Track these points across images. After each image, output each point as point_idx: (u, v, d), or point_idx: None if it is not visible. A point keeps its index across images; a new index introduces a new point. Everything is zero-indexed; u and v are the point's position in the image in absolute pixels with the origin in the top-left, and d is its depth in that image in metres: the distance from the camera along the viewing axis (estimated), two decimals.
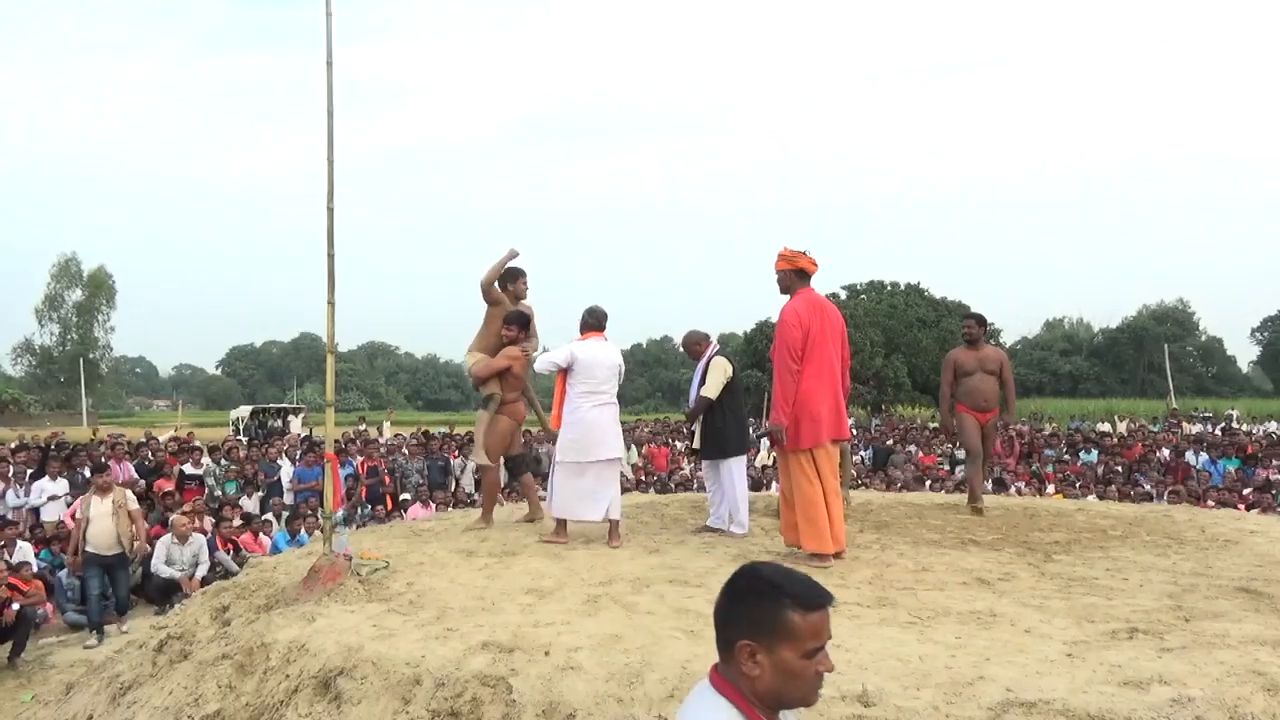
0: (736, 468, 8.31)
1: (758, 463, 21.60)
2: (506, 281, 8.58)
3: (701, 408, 8.31)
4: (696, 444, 8.50)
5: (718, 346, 8.56)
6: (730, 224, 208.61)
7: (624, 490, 14.11)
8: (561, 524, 7.89)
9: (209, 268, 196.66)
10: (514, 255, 8.42)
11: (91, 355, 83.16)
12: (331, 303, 6.55)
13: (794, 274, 7.33)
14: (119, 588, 11.70)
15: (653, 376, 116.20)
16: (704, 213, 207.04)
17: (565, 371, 7.84)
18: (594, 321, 8.06)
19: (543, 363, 8.01)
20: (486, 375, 8.32)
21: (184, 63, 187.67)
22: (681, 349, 9.07)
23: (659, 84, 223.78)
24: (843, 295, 70.88)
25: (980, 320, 10.23)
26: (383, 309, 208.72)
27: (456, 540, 7.93)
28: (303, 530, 14.04)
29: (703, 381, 8.33)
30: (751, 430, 23.26)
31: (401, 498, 16.90)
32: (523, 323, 8.41)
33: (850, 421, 9.15)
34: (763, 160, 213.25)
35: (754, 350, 57.71)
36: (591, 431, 7.69)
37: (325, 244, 6.54)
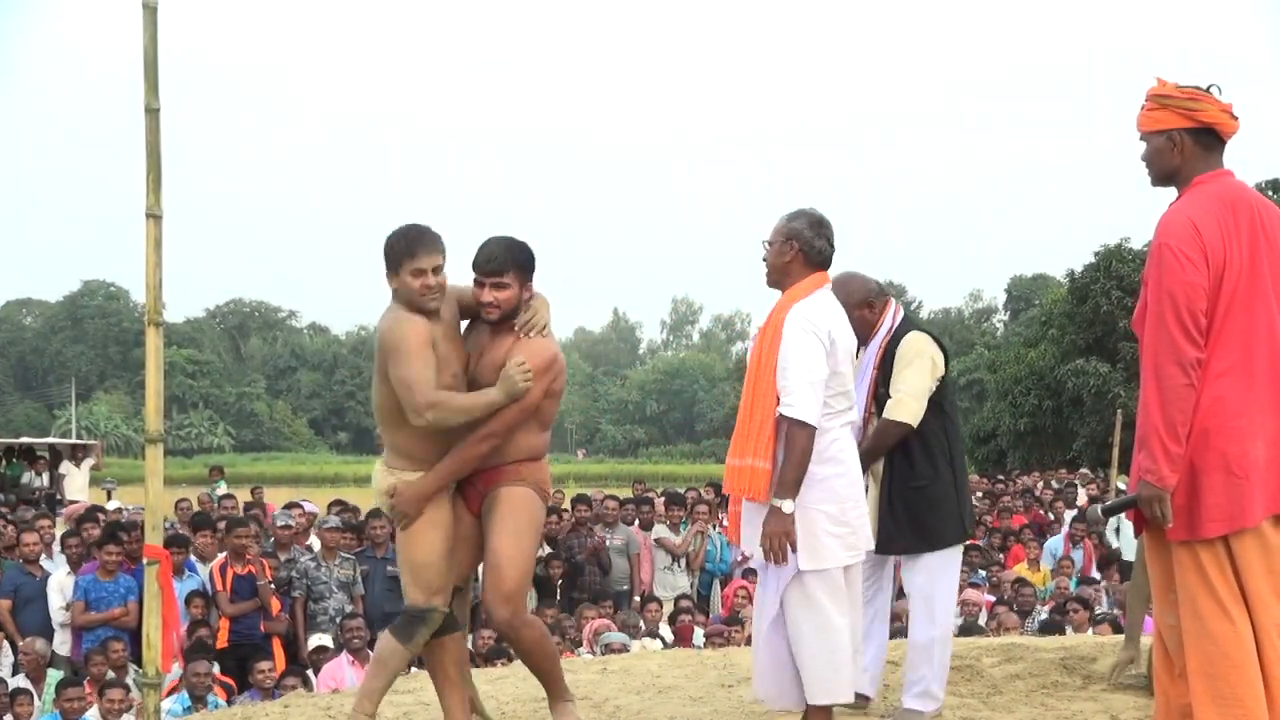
0: (947, 569, 4.59)
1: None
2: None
3: (885, 445, 4.52)
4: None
5: (902, 317, 4.67)
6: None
7: None
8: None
9: None
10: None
11: None
12: (155, 215, 3.91)
13: (1186, 139, 3.61)
14: None
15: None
16: None
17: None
18: (824, 245, 4.13)
19: (806, 394, 3.91)
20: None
21: None
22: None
23: None
24: None
25: None
26: (264, 238, 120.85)
27: None
28: (94, 711, 7.54)
29: (881, 387, 4.55)
30: (1081, 492, 15.13)
31: (312, 643, 9.65)
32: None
33: None
34: None
35: (1093, 314, 31.04)
36: (858, 490, 4.18)
37: (143, 87, 3.83)
